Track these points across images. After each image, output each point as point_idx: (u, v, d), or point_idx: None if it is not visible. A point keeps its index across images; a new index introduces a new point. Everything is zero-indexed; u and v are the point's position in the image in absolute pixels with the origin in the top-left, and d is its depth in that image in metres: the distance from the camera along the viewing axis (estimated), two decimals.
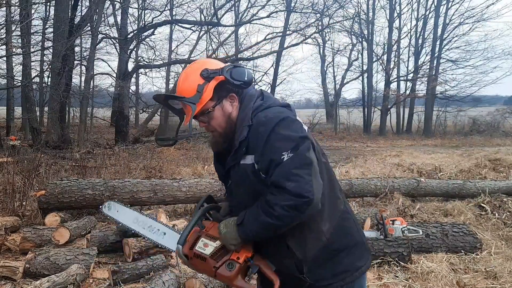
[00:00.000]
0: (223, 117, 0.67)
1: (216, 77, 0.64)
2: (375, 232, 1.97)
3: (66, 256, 1.65)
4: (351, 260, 0.65)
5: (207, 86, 0.64)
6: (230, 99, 0.67)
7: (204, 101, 0.64)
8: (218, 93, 0.65)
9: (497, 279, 1.68)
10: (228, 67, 0.65)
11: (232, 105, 0.67)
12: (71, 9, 6.24)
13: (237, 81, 0.64)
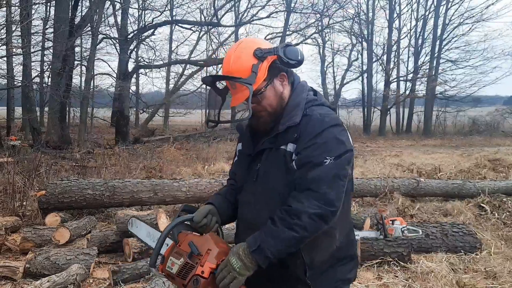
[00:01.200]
0: (275, 97, 0.65)
1: (270, 56, 0.63)
2: (375, 232, 1.97)
3: (66, 256, 1.65)
4: (347, 270, 0.66)
5: (261, 65, 0.63)
6: (280, 79, 0.66)
7: (259, 81, 0.63)
8: (270, 73, 0.64)
9: (496, 279, 1.68)
10: (282, 46, 0.64)
11: (282, 85, 0.66)
12: (72, 9, 6.23)
13: (292, 60, 0.63)
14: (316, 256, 0.63)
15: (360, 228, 2.18)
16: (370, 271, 1.76)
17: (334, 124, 0.61)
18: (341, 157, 0.59)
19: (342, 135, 0.61)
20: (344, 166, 0.60)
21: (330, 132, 0.60)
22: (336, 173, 0.59)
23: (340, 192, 0.59)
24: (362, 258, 1.81)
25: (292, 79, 0.68)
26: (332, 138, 0.60)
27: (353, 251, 0.69)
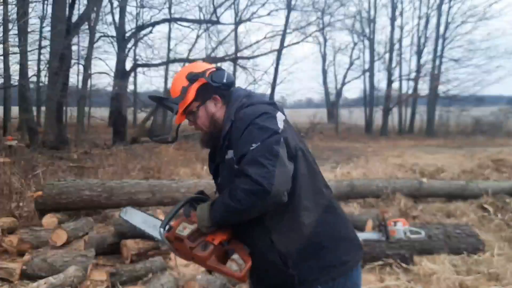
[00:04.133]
0: (206, 117, 0.72)
1: (199, 79, 0.70)
2: (377, 234, 1.95)
3: (64, 258, 1.63)
4: (337, 254, 0.65)
5: (191, 88, 0.69)
6: (213, 100, 0.72)
7: (187, 102, 0.70)
8: (202, 95, 0.70)
9: (499, 280, 1.66)
10: (210, 70, 0.71)
11: (216, 106, 0.72)
12: (69, 8, 6.17)
13: (216, 83, 0.69)
14: (289, 244, 0.64)
15: (362, 229, 2.16)
16: (372, 273, 1.73)
17: (257, 116, 0.64)
18: (266, 139, 0.62)
19: (266, 122, 0.64)
20: (272, 146, 0.61)
21: (253, 123, 0.63)
22: (262, 154, 0.61)
23: (269, 170, 0.59)
24: (364, 260, 1.78)
25: (229, 100, 0.72)
26: (255, 128, 0.63)
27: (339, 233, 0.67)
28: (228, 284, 1.56)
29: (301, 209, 0.64)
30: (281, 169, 0.60)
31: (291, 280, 0.63)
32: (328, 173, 4.39)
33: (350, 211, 2.66)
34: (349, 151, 7.30)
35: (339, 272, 0.64)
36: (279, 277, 0.64)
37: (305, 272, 0.63)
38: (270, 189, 0.59)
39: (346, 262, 0.66)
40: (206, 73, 0.69)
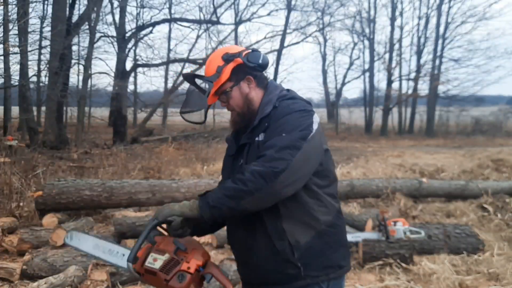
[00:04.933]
0: (240, 97, 0.72)
1: (235, 59, 0.70)
2: (377, 234, 1.95)
3: (64, 258, 1.63)
4: (338, 257, 0.68)
5: (226, 67, 0.70)
6: (247, 81, 0.73)
7: (222, 81, 0.70)
8: (236, 75, 0.71)
9: (499, 280, 1.66)
10: (246, 51, 0.71)
11: (249, 87, 0.73)
12: (69, 8, 6.20)
13: (252, 63, 0.70)
14: (300, 237, 0.65)
15: (362, 229, 2.16)
16: (372, 272, 1.73)
17: (298, 110, 0.67)
18: (294, 131, 0.63)
19: (303, 118, 0.66)
20: (297, 139, 0.63)
21: (292, 115, 0.66)
22: (287, 143, 0.62)
23: (287, 159, 0.61)
24: (364, 260, 1.79)
25: (265, 83, 0.74)
26: (291, 120, 0.65)
27: (343, 239, 0.70)
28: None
29: (318, 205, 0.65)
30: (298, 163, 0.60)
31: (295, 273, 0.63)
32: None
33: (350, 211, 2.66)
34: (349, 151, 7.30)
35: (336, 275, 0.67)
36: (281, 269, 0.64)
37: (309, 267, 0.64)
38: (279, 174, 0.59)
39: (342, 266, 0.68)
40: (242, 53, 0.70)
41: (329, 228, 0.66)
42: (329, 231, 0.66)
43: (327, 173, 0.67)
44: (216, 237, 2.12)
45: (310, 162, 0.63)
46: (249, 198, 0.60)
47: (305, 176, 0.63)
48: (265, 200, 0.62)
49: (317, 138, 0.65)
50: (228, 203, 0.61)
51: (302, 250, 0.64)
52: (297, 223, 0.64)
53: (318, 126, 0.66)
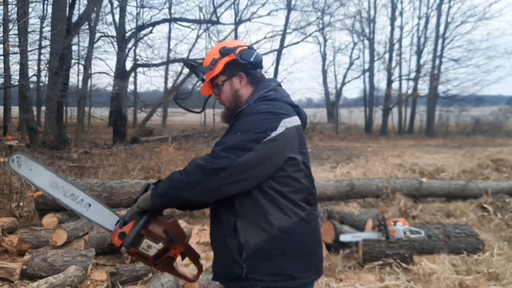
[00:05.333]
0: (230, 92, 0.73)
1: (230, 54, 0.71)
2: (377, 233, 1.95)
3: (64, 258, 1.63)
4: (291, 267, 0.64)
5: (220, 61, 0.72)
6: (239, 77, 0.73)
7: (214, 73, 0.72)
8: (229, 70, 0.72)
9: (499, 280, 1.66)
10: (241, 47, 0.72)
11: (240, 83, 0.73)
12: (69, 8, 6.19)
13: (243, 60, 0.70)
14: (250, 238, 0.63)
15: (362, 229, 2.16)
16: (371, 272, 1.73)
17: (263, 112, 0.65)
18: (249, 132, 0.62)
19: (266, 120, 0.64)
20: (250, 140, 0.61)
21: (254, 116, 0.65)
22: (237, 143, 0.61)
23: (233, 159, 0.60)
24: (364, 260, 1.79)
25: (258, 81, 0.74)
26: (252, 120, 0.64)
27: (303, 249, 0.65)
28: None
29: (274, 209, 0.63)
30: (245, 164, 0.59)
31: (240, 273, 0.63)
32: (328, 173, 4.38)
33: (350, 211, 2.66)
34: (349, 151, 7.33)
35: (284, 284, 0.63)
36: (230, 266, 0.64)
37: (255, 270, 0.62)
38: (219, 172, 0.59)
39: (295, 278, 0.64)
40: (236, 49, 0.70)
41: (284, 234, 0.63)
42: (283, 237, 0.63)
43: (289, 181, 0.64)
44: None
45: (263, 165, 0.61)
46: (190, 190, 0.61)
47: (254, 178, 0.61)
48: (206, 194, 0.62)
49: (278, 142, 0.62)
50: (172, 193, 0.62)
51: (250, 251, 0.62)
52: (250, 224, 0.63)
53: (287, 131, 0.63)
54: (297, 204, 0.66)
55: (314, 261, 0.67)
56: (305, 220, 0.66)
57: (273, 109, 0.66)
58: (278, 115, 0.65)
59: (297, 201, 0.66)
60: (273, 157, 0.63)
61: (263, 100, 0.69)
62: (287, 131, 0.64)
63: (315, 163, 5.41)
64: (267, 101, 0.68)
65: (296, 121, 0.68)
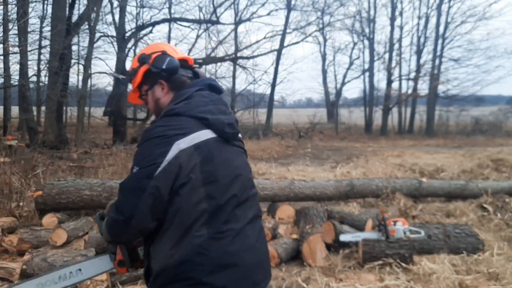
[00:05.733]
0: (152, 102, 0.72)
1: (146, 63, 0.69)
2: (377, 233, 1.95)
3: (64, 258, 1.62)
4: None
5: (139, 70, 0.70)
6: (160, 85, 0.70)
7: (136, 83, 0.71)
8: (149, 78, 0.70)
9: (499, 280, 1.66)
10: (156, 54, 0.68)
11: (162, 91, 0.70)
12: (69, 8, 6.19)
13: (156, 68, 0.67)
14: (155, 263, 0.64)
15: (362, 229, 2.16)
16: (371, 272, 1.73)
17: (153, 137, 0.62)
18: (142, 170, 0.61)
19: (155, 147, 0.61)
20: (141, 179, 0.61)
21: (146, 143, 0.63)
22: (133, 184, 0.62)
23: (131, 203, 0.60)
24: (364, 260, 1.79)
25: (180, 87, 0.69)
26: (145, 149, 0.62)
27: (198, 278, 0.60)
28: None
29: (166, 240, 0.62)
30: (145, 204, 0.59)
31: None
32: (328, 173, 4.38)
33: (350, 211, 2.66)
34: (349, 150, 7.32)
35: None
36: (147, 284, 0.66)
37: None
38: (128, 223, 0.61)
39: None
40: (151, 57, 0.68)
41: (187, 265, 0.60)
42: (185, 268, 0.60)
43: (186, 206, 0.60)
44: None
45: (161, 198, 0.59)
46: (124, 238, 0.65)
47: (158, 213, 0.60)
48: (133, 237, 0.65)
49: (170, 170, 0.59)
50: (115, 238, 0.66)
51: (153, 277, 0.63)
52: (156, 250, 0.63)
53: (180, 154, 0.59)
54: (190, 233, 0.61)
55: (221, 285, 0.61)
56: (206, 248, 0.61)
57: (166, 130, 0.61)
58: (170, 138, 0.60)
59: (194, 228, 0.61)
60: (166, 186, 0.60)
61: (165, 116, 0.65)
62: (181, 154, 0.60)
63: (315, 163, 5.41)
64: (167, 118, 0.64)
65: (199, 137, 0.62)
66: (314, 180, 3.13)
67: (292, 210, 2.55)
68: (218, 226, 0.62)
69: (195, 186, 0.61)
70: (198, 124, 0.64)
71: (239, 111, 11.75)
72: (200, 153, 0.62)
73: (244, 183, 0.67)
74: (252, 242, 0.65)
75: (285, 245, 1.90)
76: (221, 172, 0.63)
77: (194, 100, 0.66)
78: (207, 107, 0.65)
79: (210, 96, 0.68)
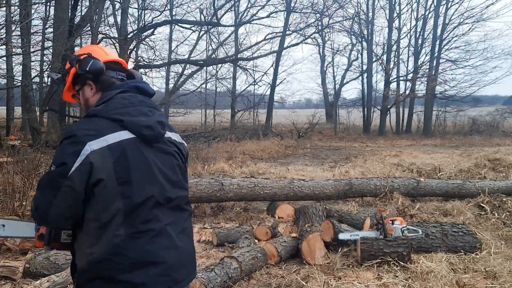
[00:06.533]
0: (83, 101, 0.76)
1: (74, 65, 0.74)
2: (375, 232, 1.96)
3: (66, 256, 1.65)
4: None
5: (70, 71, 0.75)
6: (89, 86, 0.74)
7: (67, 85, 0.76)
8: (80, 79, 0.74)
9: (496, 279, 1.67)
10: (83, 55, 0.72)
11: (91, 91, 0.74)
12: (71, 9, 6.29)
13: (80, 70, 0.72)
14: (78, 259, 0.67)
15: (360, 228, 2.18)
16: (370, 271, 1.75)
17: (66, 137, 0.66)
18: (58, 167, 0.63)
19: (67, 148, 0.64)
20: (54, 177, 0.63)
21: (63, 143, 0.66)
22: (49, 182, 0.64)
23: (46, 200, 0.63)
24: (362, 258, 1.81)
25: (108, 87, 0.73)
26: (60, 148, 0.65)
27: (116, 276, 0.62)
28: (228, 282, 1.58)
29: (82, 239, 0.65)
30: (60, 202, 0.62)
31: None
32: (327, 172, 4.42)
33: (348, 210, 2.68)
34: (347, 150, 7.34)
35: None
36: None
37: None
38: (45, 218, 0.64)
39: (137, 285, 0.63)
40: (78, 59, 0.72)
41: (107, 263, 0.62)
42: (105, 266, 0.63)
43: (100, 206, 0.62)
44: (216, 235, 2.13)
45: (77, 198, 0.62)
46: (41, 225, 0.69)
47: (74, 211, 0.63)
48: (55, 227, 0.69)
49: (81, 170, 0.61)
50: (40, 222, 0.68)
51: (77, 273, 0.66)
52: (78, 247, 0.66)
53: (91, 155, 0.61)
54: (108, 231, 0.63)
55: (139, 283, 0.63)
56: (123, 247, 0.63)
57: (81, 131, 0.64)
58: (83, 139, 0.63)
59: (111, 227, 0.63)
60: (77, 190, 0.62)
61: (85, 117, 0.69)
62: (93, 154, 0.62)
63: (314, 162, 5.45)
64: (85, 119, 0.68)
65: (113, 138, 0.64)
66: (313, 180, 3.15)
67: (292, 209, 2.57)
68: (137, 226, 0.64)
69: (109, 186, 0.63)
70: (114, 125, 0.65)
71: (240, 112, 11.79)
72: (114, 154, 0.63)
73: (165, 184, 0.68)
74: (173, 242, 0.67)
75: (285, 244, 1.92)
76: (136, 172, 0.65)
77: (112, 102, 0.69)
78: (125, 109, 0.67)
79: (132, 98, 0.69)
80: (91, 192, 0.63)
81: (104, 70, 0.72)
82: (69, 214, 0.63)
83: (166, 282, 0.65)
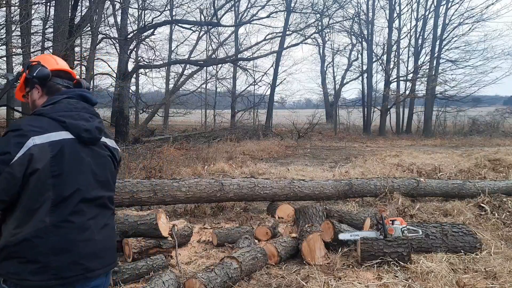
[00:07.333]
0: (31, 102, 0.85)
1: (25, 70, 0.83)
2: (375, 232, 1.97)
3: None
4: (26, 270, 0.70)
5: (23, 75, 0.84)
6: (37, 89, 0.83)
7: (19, 86, 0.85)
8: (29, 82, 0.83)
9: (496, 279, 1.68)
10: (34, 62, 0.82)
11: (38, 94, 0.84)
12: (71, 9, 6.25)
13: (29, 75, 0.81)
14: (2, 239, 0.72)
15: (360, 228, 2.18)
16: (370, 271, 1.75)
17: (13, 129, 0.73)
18: (1, 155, 0.69)
19: (13, 139, 0.71)
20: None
21: (8, 134, 0.72)
22: None
23: None
24: (362, 258, 1.82)
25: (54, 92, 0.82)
26: (5, 139, 0.72)
27: (38, 256, 0.70)
28: (229, 282, 1.58)
29: (7, 215, 0.72)
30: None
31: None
32: (327, 172, 4.42)
33: (348, 210, 2.68)
34: (348, 151, 7.34)
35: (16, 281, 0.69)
36: None
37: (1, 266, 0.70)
38: None
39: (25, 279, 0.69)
40: (30, 64, 0.82)
41: (19, 243, 0.69)
42: (22, 246, 0.69)
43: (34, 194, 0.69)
44: (216, 236, 2.14)
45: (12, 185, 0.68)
46: None
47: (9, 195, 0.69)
48: None
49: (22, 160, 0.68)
50: None
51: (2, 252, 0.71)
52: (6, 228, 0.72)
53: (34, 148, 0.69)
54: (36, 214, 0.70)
55: (55, 270, 0.71)
56: (46, 231, 0.70)
57: (26, 126, 0.72)
58: (27, 133, 0.70)
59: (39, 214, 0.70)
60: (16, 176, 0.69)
61: (32, 114, 0.77)
62: (35, 148, 0.70)
63: (314, 163, 5.44)
64: (31, 117, 0.76)
65: (55, 136, 0.72)
66: (313, 180, 3.16)
67: (292, 209, 2.57)
68: (62, 216, 0.72)
69: (43, 176, 0.71)
70: (57, 125, 0.74)
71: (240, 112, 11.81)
72: (53, 150, 0.72)
73: (94, 182, 0.77)
74: (91, 235, 0.75)
75: (285, 244, 1.93)
76: (69, 168, 0.73)
77: (59, 105, 0.78)
78: (69, 113, 0.77)
79: (76, 104, 0.79)
80: (26, 180, 0.70)
81: (50, 77, 0.81)
82: (5, 198, 0.70)
83: (78, 270, 0.73)
